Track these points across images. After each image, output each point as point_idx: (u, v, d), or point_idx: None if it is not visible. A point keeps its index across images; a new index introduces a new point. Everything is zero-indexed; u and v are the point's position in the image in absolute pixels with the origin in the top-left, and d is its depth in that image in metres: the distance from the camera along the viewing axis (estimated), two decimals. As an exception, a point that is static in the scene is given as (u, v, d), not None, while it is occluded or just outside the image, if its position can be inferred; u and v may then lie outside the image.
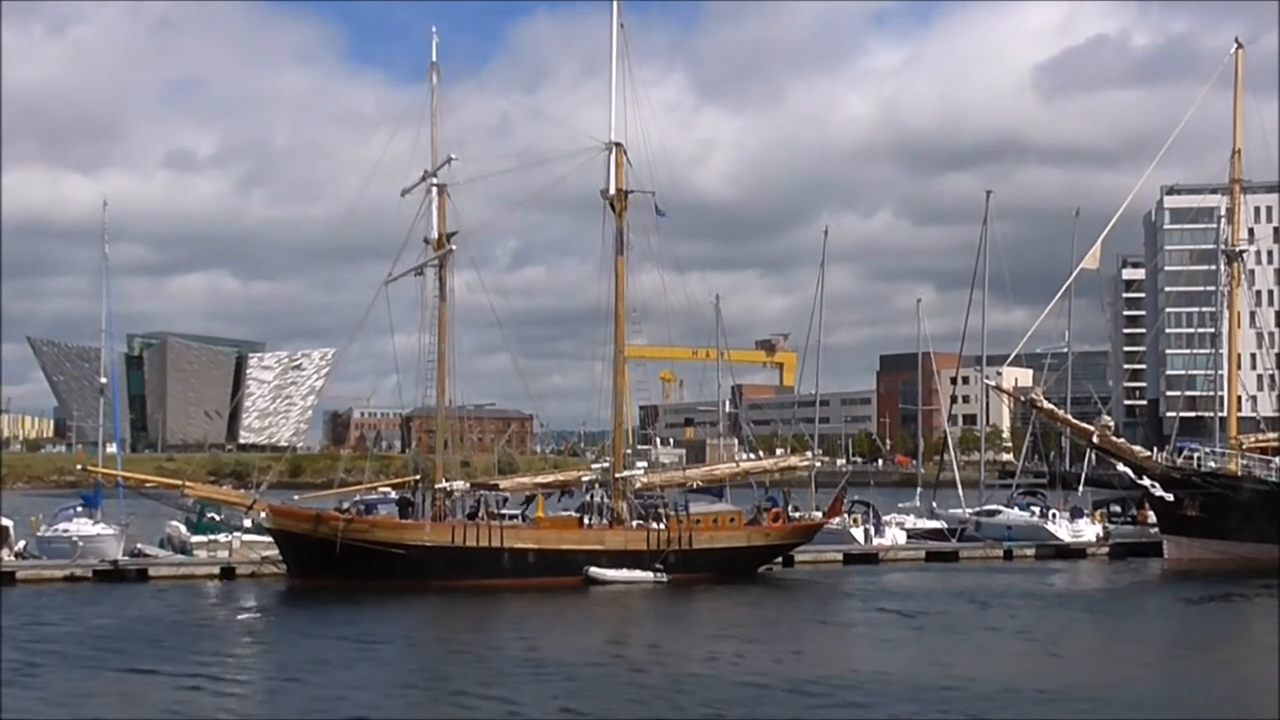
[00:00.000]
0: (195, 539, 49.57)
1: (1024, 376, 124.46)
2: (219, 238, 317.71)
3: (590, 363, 50.84)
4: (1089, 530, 61.21)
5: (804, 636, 34.06)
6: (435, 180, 49.05)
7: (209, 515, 50.58)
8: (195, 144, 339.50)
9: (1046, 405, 55.88)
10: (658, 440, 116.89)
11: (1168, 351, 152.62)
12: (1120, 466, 54.93)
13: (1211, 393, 65.92)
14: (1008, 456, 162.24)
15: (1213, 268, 67.12)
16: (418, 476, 51.28)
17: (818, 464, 59.24)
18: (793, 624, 36.60)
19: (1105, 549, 59.32)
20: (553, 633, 34.31)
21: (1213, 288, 65.76)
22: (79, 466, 55.44)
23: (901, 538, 59.48)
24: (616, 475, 49.34)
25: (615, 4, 48.62)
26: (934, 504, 66.63)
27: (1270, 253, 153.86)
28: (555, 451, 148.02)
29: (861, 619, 37.67)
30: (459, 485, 48.73)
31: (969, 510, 64.28)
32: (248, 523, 48.04)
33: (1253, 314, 69.71)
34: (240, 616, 37.84)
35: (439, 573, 43.83)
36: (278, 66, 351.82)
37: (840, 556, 55.21)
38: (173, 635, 32.81)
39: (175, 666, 28.13)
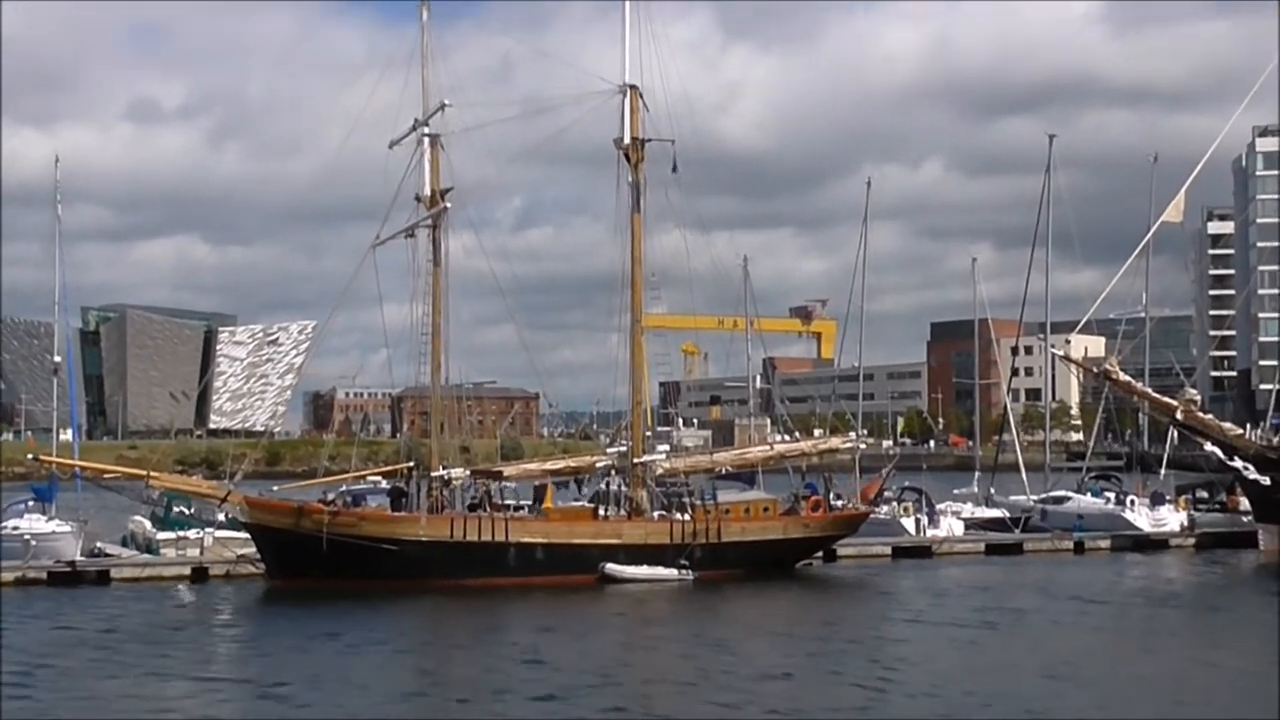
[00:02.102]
0: (162, 536, 49.76)
1: (1095, 345, 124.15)
2: (187, 198, 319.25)
3: (604, 335, 50.96)
4: (1172, 519, 61.10)
5: (874, 642, 33.81)
6: (427, 130, 49.00)
7: (177, 509, 50.78)
8: (161, 93, 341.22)
9: (1122, 377, 55.60)
10: (680, 421, 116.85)
11: (1261, 315, 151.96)
12: (1208, 446, 54.66)
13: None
14: (1077, 436, 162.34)
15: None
16: (411, 464, 51.48)
17: (862, 446, 59.24)
18: (855, 627, 36.63)
19: (1191, 540, 59.21)
20: (563, 642, 34.35)
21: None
22: (30, 456, 55.83)
23: (958, 528, 59.63)
24: (634, 460, 49.49)
25: (630, -71, 48.51)
26: (992, 490, 66.71)
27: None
28: (565, 435, 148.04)
29: (935, 621, 37.52)
30: (458, 473, 48.91)
31: (1033, 497, 64.37)
32: (221, 517, 48.27)
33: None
34: (214, 623, 38.02)
35: (436, 571, 44.09)
36: (252, 7, 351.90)
37: (888, 550, 55.44)
38: (139, 644, 32.98)
39: (141, 684, 28.27)
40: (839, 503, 53.25)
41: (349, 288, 48.61)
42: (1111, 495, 64.14)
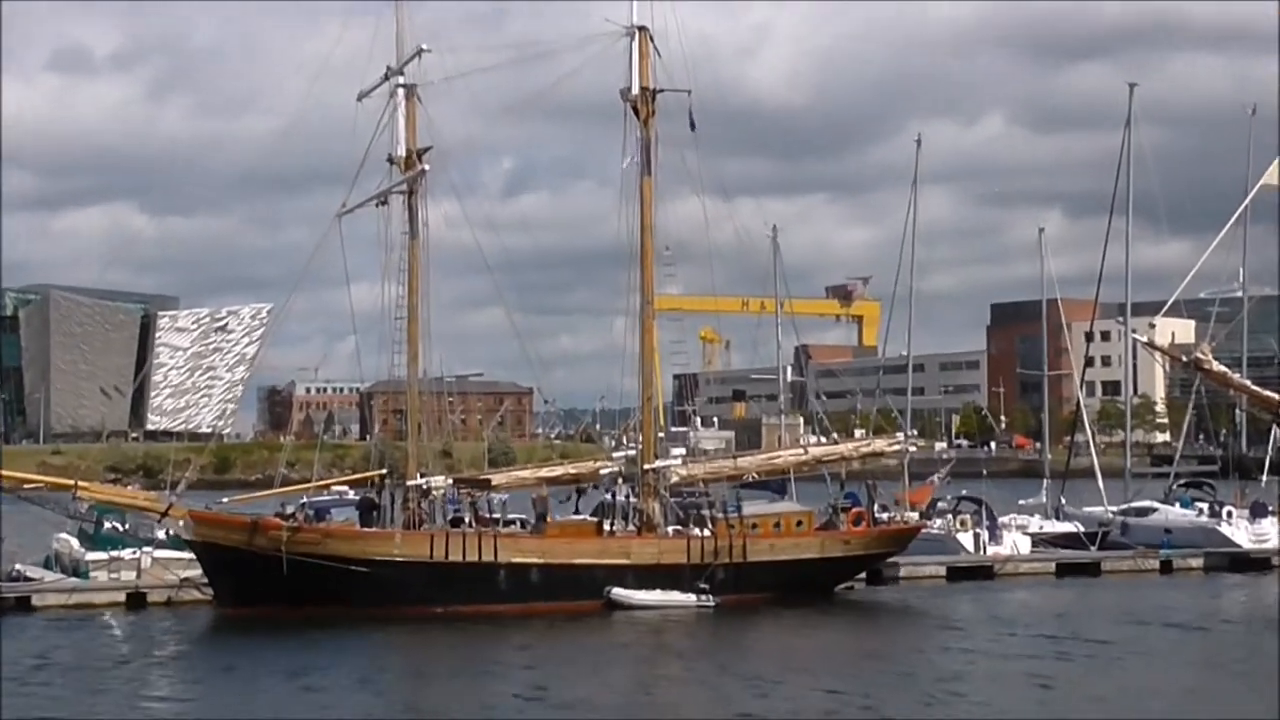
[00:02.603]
0: (92, 556, 49.66)
1: (1184, 329, 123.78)
2: (121, 160, 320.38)
3: (609, 319, 50.90)
4: (1275, 533, 60.95)
5: (928, 679, 33.61)
6: (402, 80, 48.90)
7: (109, 525, 50.73)
8: (92, 39, 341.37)
9: (1216, 367, 55.18)
10: (698, 420, 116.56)
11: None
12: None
13: None
14: (1163, 437, 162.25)
15: None
16: (384, 471, 51.38)
17: (911, 449, 59.21)
18: (906, 660, 36.46)
19: (1297, 557, 59.14)
20: (565, 678, 34.27)
21: None
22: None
23: (1024, 545, 59.62)
24: (645, 467, 49.42)
25: None
26: (1063, 500, 66.64)
27: None
28: (563, 436, 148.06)
29: (1000, 654, 37.41)
30: (438, 482, 48.87)
31: (1112, 508, 64.22)
32: (161, 534, 48.21)
33: None
34: (152, 658, 37.86)
35: (414, 596, 44.12)
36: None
37: (943, 570, 55.58)
38: (63, 687, 32.87)
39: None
40: (884, 515, 53.20)
41: (311, 265, 48.69)
42: (1204, 506, 64.05)
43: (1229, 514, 62.10)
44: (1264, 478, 67.52)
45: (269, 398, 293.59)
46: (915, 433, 62.81)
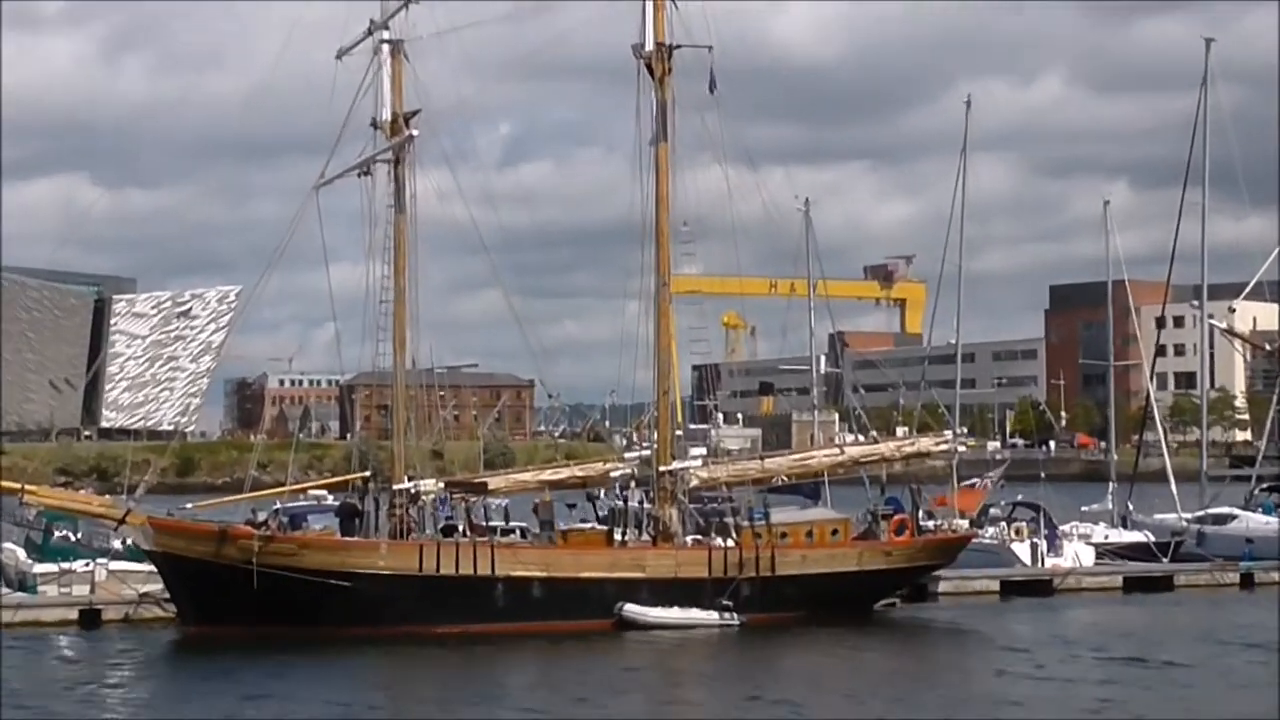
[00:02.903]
0: (40, 569, 49.71)
1: (1267, 314, 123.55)
2: (72, 126, 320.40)
3: (619, 303, 50.83)
4: (1370, 544, 60.85)
5: (982, 707, 33.41)
6: (386, 35, 48.79)
7: (59, 533, 50.79)
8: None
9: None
10: (721, 416, 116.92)
11: None
12: None
13: None
14: (1243, 435, 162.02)
15: None
16: (367, 473, 51.42)
17: (961, 448, 59.11)
18: (956, 686, 36.35)
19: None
20: (574, 707, 34.20)
21: None
22: None
23: (1087, 556, 59.66)
24: (661, 468, 49.39)
25: None
26: (1130, 506, 66.58)
27: None
28: (569, 434, 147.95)
29: (1063, 678, 37.12)
30: (428, 486, 48.88)
31: (1186, 515, 64.12)
32: (117, 544, 48.28)
33: None
34: (106, 683, 37.81)
35: (401, 614, 44.18)
36: None
37: (995, 585, 55.63)
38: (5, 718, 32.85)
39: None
40: (930, 523, 53.19)
41: (285, 244, 48.61)
42: (1291, 513, 63.98)
43: (1318, 522, 62.07)
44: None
45: (238, 391, 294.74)
46: (965, 430, 62.76)
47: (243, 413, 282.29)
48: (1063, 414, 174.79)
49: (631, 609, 45.76)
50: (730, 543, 47.68)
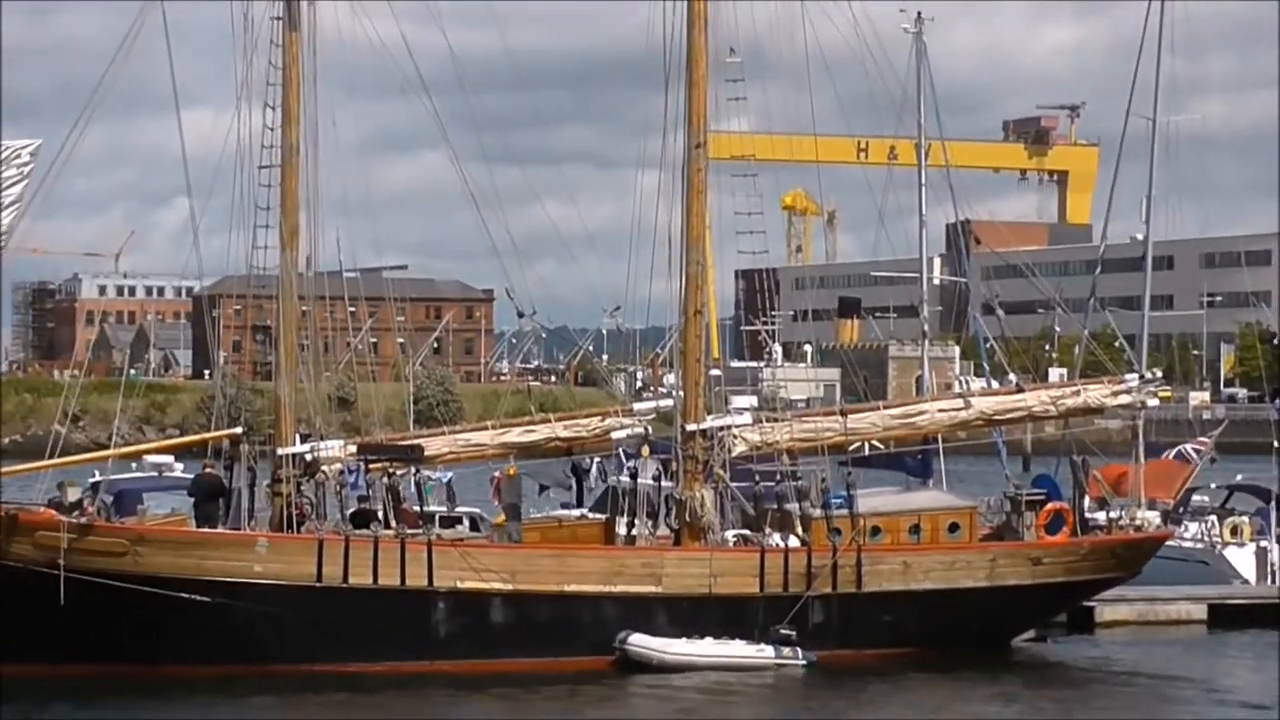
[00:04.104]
0: None
1: None
2: None
3: (624, 173, 50.84)
4: None
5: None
6: None
7: None
8: None
9: None
10: (778, 349, 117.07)
11: None
12: None
13: None
14: None
15: None
16: (236, 431, 51.58)
17: (1150, 402, 59.04)
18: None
19: None
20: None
21: None
22: None
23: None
24: (689, 427, 49.74)
25: None
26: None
27: None
28: (546, 374, 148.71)
29: None
30: (332, 450, 49.09)
31: None
32: None
33: None
34: None
35: (289, 646, 44.76)
36: None
37: (1202, 610, 56.07)
38: None
39: None
40: (1101, 515, 53.34)
41: (109, 79, 48.58)
42: None
43: None
44: None
45: (34, 304, 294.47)
46: (1157, 374, 62.52)
47: (42, 336, 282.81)
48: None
49: (641, 642, 46.10)
50: (795, 541, 48.12)
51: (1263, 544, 59.31)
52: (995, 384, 68.36)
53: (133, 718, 40.70)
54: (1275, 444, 69.39)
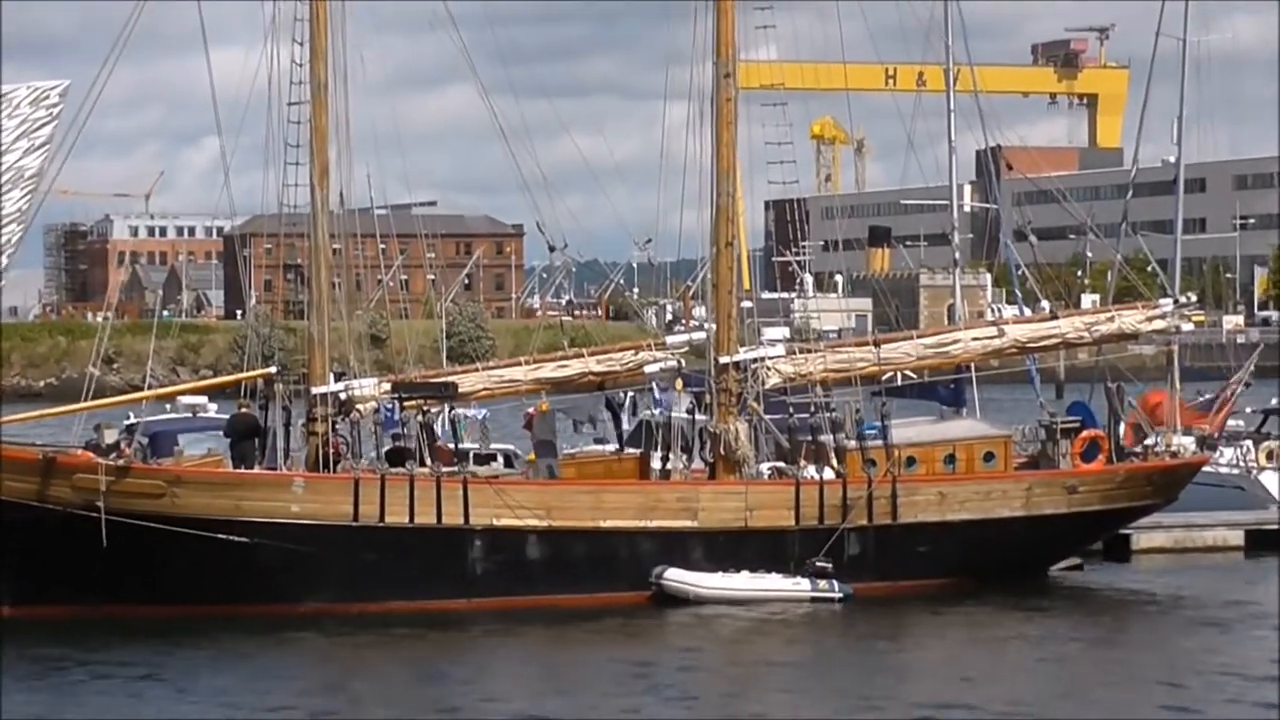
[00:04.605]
0: None
1: None
2: None
3: (652, 105, 50.82)
4: None
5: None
6: None
7: None
8: None
9: None
10: (810, 279, 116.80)
11: None
12: None
13: None
14: None
15: None
16: (270, 371, 51.52)
17: (1185, 326, 58.80)
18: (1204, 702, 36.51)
19: None
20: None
21: None
22: None
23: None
24: (722, 359, 49.77)
25: None
26: None
27: None
28: (578, 307, 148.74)
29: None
30: (366, 388, 49.04)
31: None
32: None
33: None
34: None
35: (326, 585, 45.03)
36: None
37: (1238, 535, 56.44)
38: None
39: None
40: (1139, 445, 53.17)
41: (137, 14, 48.40)
42: None
43: None
44: None
45: (66, 245, 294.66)
46: (1192, 298, 62.37)
47: (75, 278, 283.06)
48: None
49: (677, 576, 46.28)
50: (829, 473, 48.12)
51: (1296, 467, 59.26)
52: (1028, 311, 68.06)
53: (168, 658, 40.52)
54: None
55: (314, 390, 48.77)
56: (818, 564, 46.63)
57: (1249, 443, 60.86)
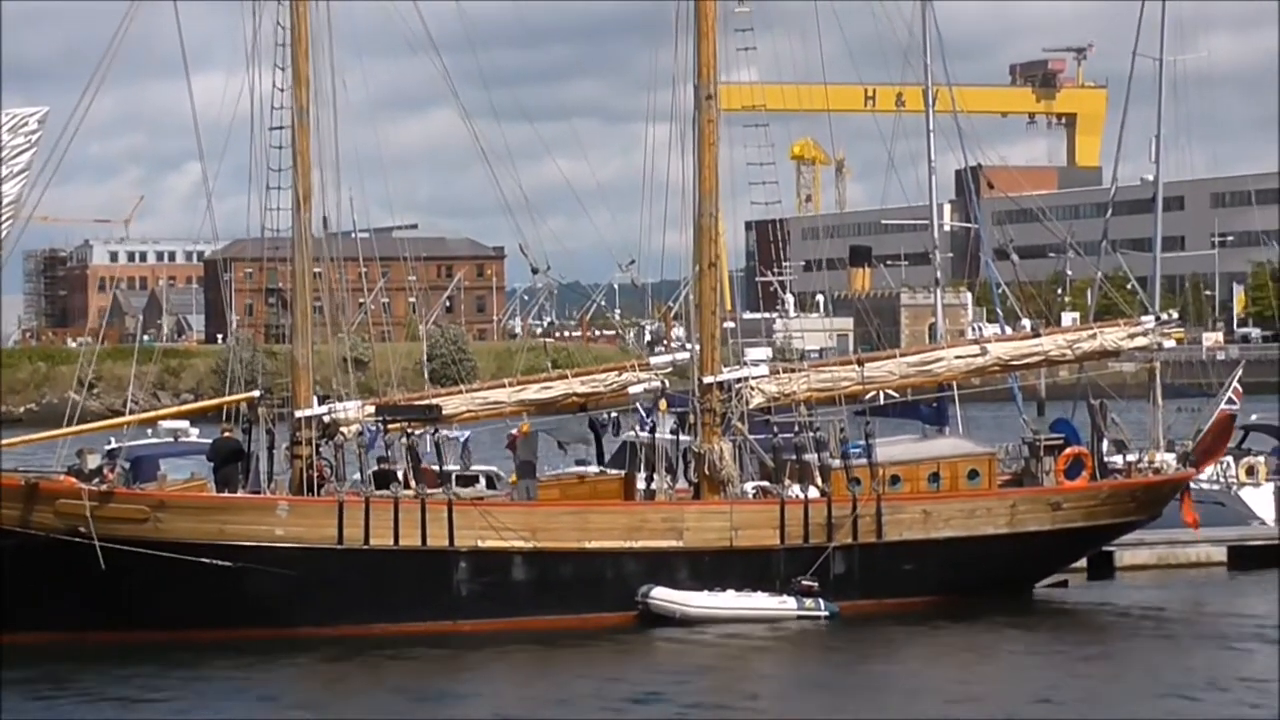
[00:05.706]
0: None
1: None
2: None
3: (634, 127, 50.91)
4: None
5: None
6: None
7: None
8: None
9: None
10: (791, 299, 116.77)
11: None
12: None
13: None
14: None
15: None
16: (254, 394, 51.47)
17: (1166, 343, 58.90)
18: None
19: None
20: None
21: None
22: None
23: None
24: (706, 379, 49.74)
25: None
26: None
27: None
28: (560, 328, 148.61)
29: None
30: (349, 411, 49.03)
31: None
32: None
33: None
34: None
35: (311, 609, 44.98)
36: None
37: (1222, 551, 56.49)
38: None
39: None
40: (1119, 459, 53.28)
41: (118, 39, 48.41)
42: None
43: None
44: None
45: (46, 271, 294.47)
46: (1173, 314, 62.45)
47: (54, 304, 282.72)
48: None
49: (663, 595, 46.23)
50: (814, 492, 48.13)
51: (1278, 484, 59.19)
52: (1009, 329, 68.07)
53: (156, 683, 40.50)
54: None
55: (298, 414, 48.75)
56: (804, 583, 46.61)
57: (1229, 458, 60.80)
